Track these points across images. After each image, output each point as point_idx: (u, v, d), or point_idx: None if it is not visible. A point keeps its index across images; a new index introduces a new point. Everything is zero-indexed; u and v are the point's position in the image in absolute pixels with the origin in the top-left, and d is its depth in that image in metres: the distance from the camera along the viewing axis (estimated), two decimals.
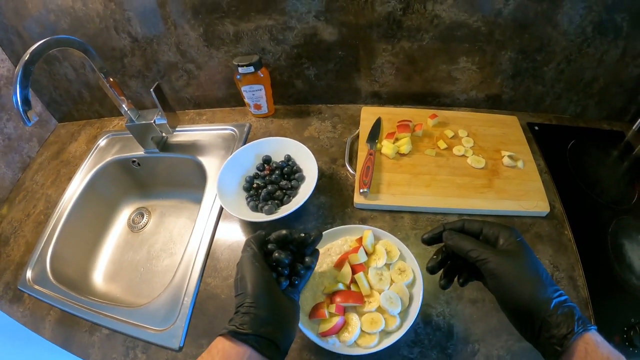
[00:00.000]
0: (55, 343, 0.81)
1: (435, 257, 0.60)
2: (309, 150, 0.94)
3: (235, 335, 0.49)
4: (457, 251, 0.55)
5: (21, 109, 0.72)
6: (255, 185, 0.94)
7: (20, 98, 0.72)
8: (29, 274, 0.92)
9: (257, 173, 0.97)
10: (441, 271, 0.60)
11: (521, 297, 0.47)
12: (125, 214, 1.21)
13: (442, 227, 0.58)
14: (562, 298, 0.46)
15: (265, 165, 0.98)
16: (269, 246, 0.62)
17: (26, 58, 0.72)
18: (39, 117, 1.27)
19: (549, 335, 0.45)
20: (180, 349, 0.75)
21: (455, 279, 0.60)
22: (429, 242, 0.59)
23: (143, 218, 1.18)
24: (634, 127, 1.05)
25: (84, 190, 1.09)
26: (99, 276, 1.06)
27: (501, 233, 0.53)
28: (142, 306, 0.82)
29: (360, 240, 0.75)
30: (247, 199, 0.93)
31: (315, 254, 0.66)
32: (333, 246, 0.77)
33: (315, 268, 0.70)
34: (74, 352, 0.79)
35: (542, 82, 1.03)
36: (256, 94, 1.09)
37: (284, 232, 0.62)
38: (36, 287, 0.89)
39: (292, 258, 0.62)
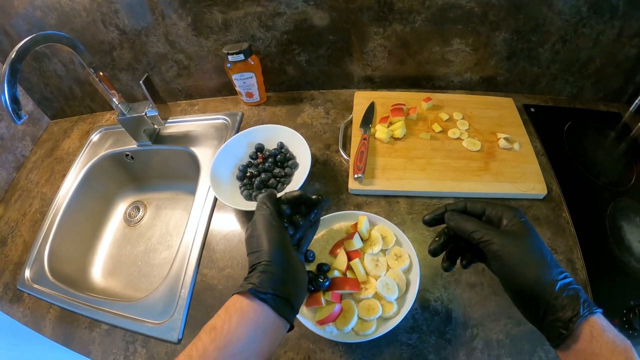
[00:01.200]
0: (56, 341, 0.81)
1: (437, 239, 0.58)
2: (301, 137, 0.93)
3: (254, 294, 0.48)
4: (459, 232, 0.53)
5: (10, 108, 0.72)
6: (248, 174, 0.93)
7: (9, 97, 0.71)
8: (27, 273, 0.92)
9: (250, 162, 0.97)
10: (443, 254, 0.59)
11: (525, 279, 0.46)
12: (121, 208, 1.21)
13: (444, 208, 0.57)
14: (567, 280, 0.45)
15: (258, 153, 0.97)
16: (282, 206, 0.61)
17: (13, 56, 0.71)
18: (31, 115, 1.26)
19: (553, 319, 0.44)
20: (179, 341, 0.75)
21: (458, 261, 0.59)
22: (430, 223, 0.58)
23: (139, 212, 1.18)
24: (630, 108, 1.04)
25: (79, 187, 1.08)
26: (98, 272, 1.06)
27: (504, 214, 0.52)
28: (140, 300, 0.82)
29: (355, 226, 0.74)
30: (240, 188, 0.92)
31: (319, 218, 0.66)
32: (328, 232, 0.76)
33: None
34: (75, 349, 0.79)
35: (538, 63, 1.02)
36: (247, 82, 1.08)
37: (297, 193, 0.62)
38: (35, 286, 0.89)
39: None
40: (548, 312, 0.44)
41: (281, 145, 0.97)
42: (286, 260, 0.53)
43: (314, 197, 0.63)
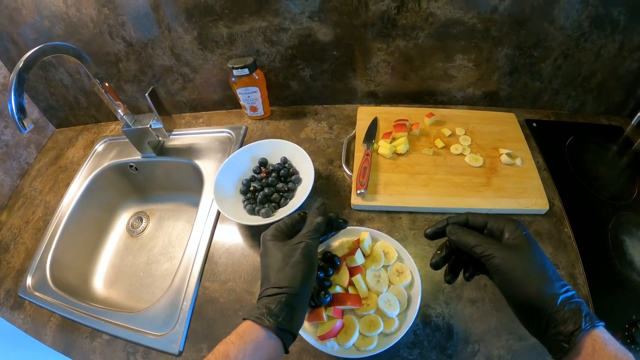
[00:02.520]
0: (56, 350, 0.81)
1: (439, 252, 0.58)
2: (305, 152, 0.94)
3: (276, 330, 0.49)
4: (461, 246, 0.53)
5: (16, 117, 0.72)
6: (252, 189, 0.93)
7: (15, 106, 0.72)
8: (29, 280, 0.92)
9: (253, 176, 0.97)
10: (446, 266, 0.59)
11: (527, 293, 0.46)
12: (124, 218, 1.21)
13: (446, 221, 0.57)
14: (569, 294, 0.45)
15: (262, 167, 0.97)
16: None
17: (20, 66, 0.72)
18: (36, 123, 1.27)
19: (555, 332, 0.44)
20: (180, 353, 0.75)
21: (461, 273, 0.59)
22: (431, 236, 0.58)
23: (142, 222, 1.18)
24: (632, 122, 1.04)
25: (82, 196, 1.09)
26: (99, 282, 1.07)
27: (506, 227, 0.52)
28: (142, 311, 0.82)
29: (357, 242, 0.75)
30: (244, 202, 0.92)
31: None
32: (330, 248, 0.76)
33: None
34: (76, 359, 0.79)
35: (540, 78, 1.02)
36: (251, 96, 1.08)
37: (332, 215, 0.64)
38: (37, 293, 0.89)
39: None
40: (550, 325, 0.45)
41: (284, 160, 0.97)
42: (308, 298, 0.54)
43: (340, 220, 0.65)
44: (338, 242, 0.76)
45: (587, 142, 1.02)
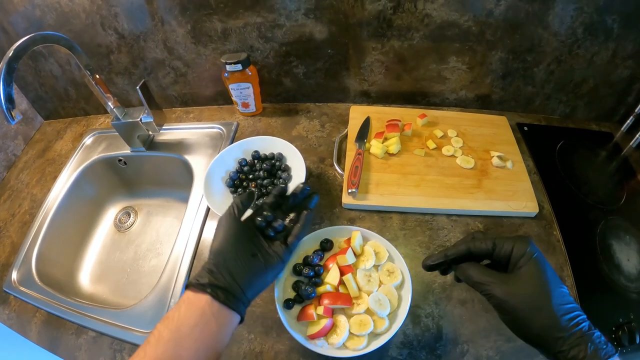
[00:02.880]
0: (41, 346, 0.79)
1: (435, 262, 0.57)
2: (296, 150, 0.93)
3: (194, 285, 0.54)
4: (464, 280, 0.53)
5: (4, 107, 0.71)
6: (238, 181, 0.93)
7: (4, 96, 0.70)
8: (14, 275, 0.91)
9: (240, 169, 0.96)
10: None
11: (530, 334, 0.46)
12: (111, 213, 1.20)
13: (444, 255, 0.55)
14: (575, 330, 0.44)
15: (255, 161, 0.97)
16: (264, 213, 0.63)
17: (10, 55, 0.70)
18: (25, 114, 1.25)
19: None
20: None
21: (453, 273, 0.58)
22: (429, 270, 0.58)
23: (129, 217, 1.17)
24: (622, 128, 1.06)
25: (70, 190, 1.07)
26: (86, 277, 1.05)
27: (515, 247, 0.49)
28: (129, 308, 0.81)
29: (348, 241, 0.75)
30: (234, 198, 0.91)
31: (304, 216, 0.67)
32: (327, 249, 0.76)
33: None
34: (61, 355, 0.78)
35: (532, 82, 1.03)
36: (244, 92, 1.08)
37: (281, 187, 0.67)
38: (22, 288, 0.88)
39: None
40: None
41: (279, 157, 0.96)
42: (231, 256, 0.57)
43: (301, 185, 0.68)
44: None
45: (577, 147, 1.04)
